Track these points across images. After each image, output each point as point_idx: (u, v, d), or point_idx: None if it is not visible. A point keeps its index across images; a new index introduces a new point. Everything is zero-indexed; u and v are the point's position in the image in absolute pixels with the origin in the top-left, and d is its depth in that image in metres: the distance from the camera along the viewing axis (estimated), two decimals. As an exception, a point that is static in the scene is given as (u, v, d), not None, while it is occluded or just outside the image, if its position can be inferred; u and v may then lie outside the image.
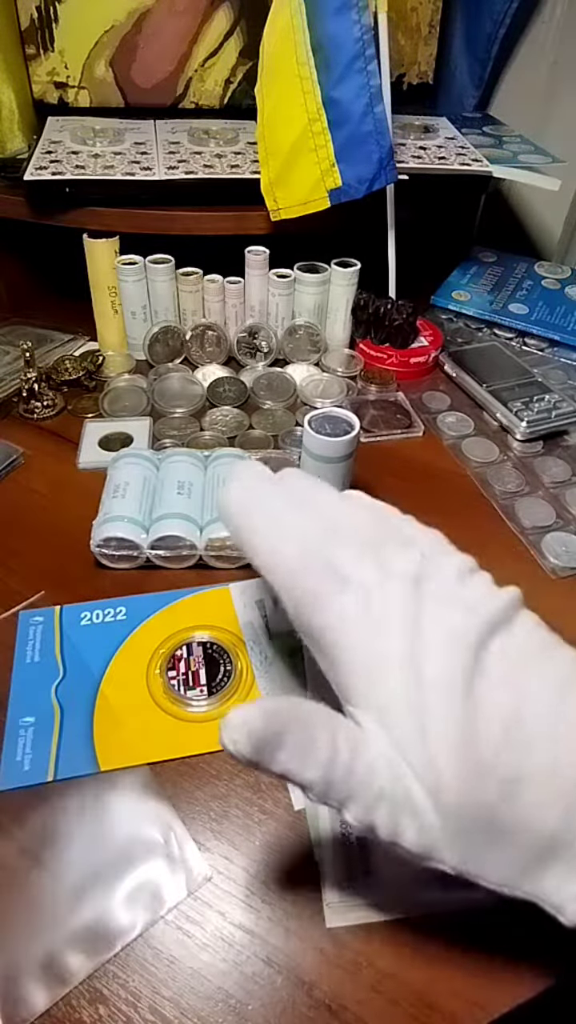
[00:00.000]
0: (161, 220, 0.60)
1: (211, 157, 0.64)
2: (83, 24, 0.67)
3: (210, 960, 0.30)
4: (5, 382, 0.60)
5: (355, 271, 0.62)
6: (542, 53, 0.75)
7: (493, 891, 0.24)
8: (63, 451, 0.55)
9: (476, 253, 0.77)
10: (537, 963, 0.30)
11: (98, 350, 0.64)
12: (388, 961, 0.30)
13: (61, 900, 0.31)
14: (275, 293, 0.62)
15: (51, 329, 0.67)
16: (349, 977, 0.29)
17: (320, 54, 0.53)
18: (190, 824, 0.34)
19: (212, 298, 0.63)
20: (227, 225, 0.60)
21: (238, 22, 0.69)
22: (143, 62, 0.70)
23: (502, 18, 0.72)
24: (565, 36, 0.73)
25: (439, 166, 0.63)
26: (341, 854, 0.32)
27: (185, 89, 0.72)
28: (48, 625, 0.42)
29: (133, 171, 0.60)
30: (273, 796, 0.35)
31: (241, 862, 0.33)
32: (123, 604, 0.43)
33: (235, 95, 0.73)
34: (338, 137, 0.55)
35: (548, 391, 0.60)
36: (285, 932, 0.31)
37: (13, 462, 0.54)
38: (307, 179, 0.57)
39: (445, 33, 0.76)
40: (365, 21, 0.52)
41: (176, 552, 0.45)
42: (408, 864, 0.25)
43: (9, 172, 0.62)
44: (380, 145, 0.55)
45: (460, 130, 0.72)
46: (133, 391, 0.60)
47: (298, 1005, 0.29)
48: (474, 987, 0.29)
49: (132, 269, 0.60)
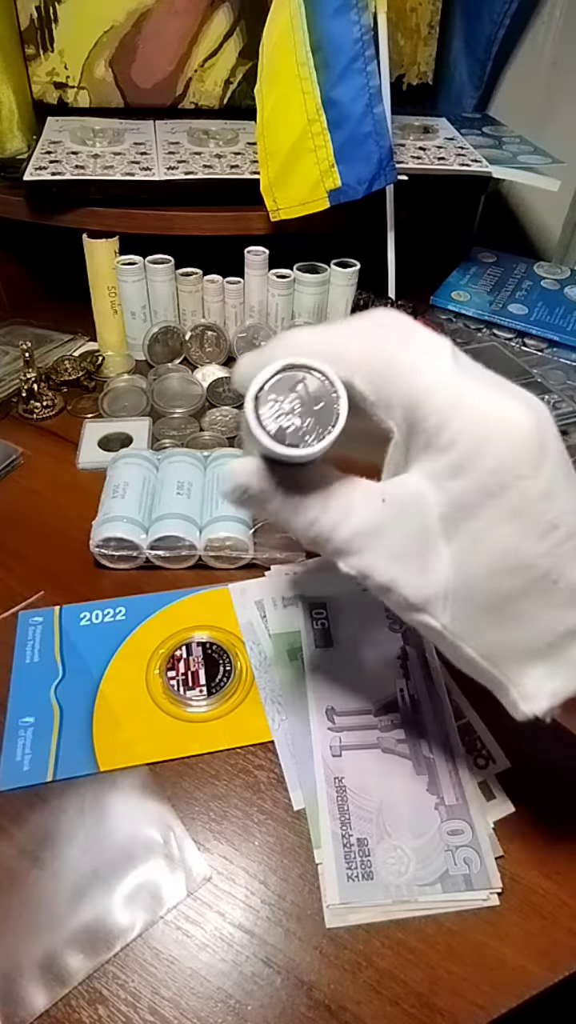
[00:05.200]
0: (161, 220, 0.60)
1: (211, 157, 0.64)
2: (83, 24, 0.67)
3: (209, 960, 0.30)
4: (5, 382, 0.60)
5: (355, 271, 0.62)
6: (542, 53, 0.75)
7: (460, 654, 0.25)
8: (63, 451, 0.55)
9: (476, 253, 0.77)
10: (537, 963, 0.30)
11: (98, 350, 0.64)
12: (388, 961, 0.30)
13: (61, 900, 0.31)
14: (275, 293, 0.62)
15: (51, 329, 0.67)
16: (349, 977, 0.29)
17: (319, 54, 0.53)
18: (189, 824, 0.34)
19: (212, 298, 0.63)
20: (227, 225, 0.60)
21: (238, 22, 0.69)
22: (143, 62, 0.70)
23: (502, 19, 0.72)
24: (565, 36, 0.73)
25: (439, 166, 0.63)
26: (341, 855, 0.32)
27: (185, 89, 0.72)
28: (47, 625, 0.42)
29: (133, 171, 0.60)
30: (273, 796, 0.35)
31: (240, 862, 0.33)
32: (123, 604, 0.43)
33: (235, 95, 0.73)
34: (337, 137, 0.55)
35: (547, 391, 0.60)
36: (285, 932, 0.31)
37: (13, 462, 0.53)
38: (306, 179, 0.57)
39: (445, 34, 0.76)
40: (364, 22, 0.52)
41: (175, 552, 0.45)
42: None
43: (9, 172, 0.62)
44: (380, 145, 0.55)
45: (460, 131, 0.72)
46: (133, 391, 0.60)
47: (297, 1006, 0.29)
48: (474, 987, 0.29)
49: (132, 269, 0.60)
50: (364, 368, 0.23)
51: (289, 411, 0.23)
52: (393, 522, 0.23)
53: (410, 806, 0.34)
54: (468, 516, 0.23)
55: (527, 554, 0.23)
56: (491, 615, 0.24)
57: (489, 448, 0.22)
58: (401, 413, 0.23)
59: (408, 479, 0.24)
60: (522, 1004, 0.29)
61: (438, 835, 0.33)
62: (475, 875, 0.32)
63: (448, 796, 0.35)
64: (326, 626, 0.42)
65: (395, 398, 0.23)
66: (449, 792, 0.35)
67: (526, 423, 0.23)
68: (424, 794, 0.35)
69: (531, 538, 0.23)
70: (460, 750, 0.36)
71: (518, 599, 0.23)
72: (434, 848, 0.33)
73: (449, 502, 0.23)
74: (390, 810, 0.34)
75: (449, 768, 0.36)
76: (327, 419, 0.23)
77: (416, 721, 0.37)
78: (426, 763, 0.36)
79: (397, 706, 0.38)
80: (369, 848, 0.33)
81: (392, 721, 0.37)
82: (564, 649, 0.24)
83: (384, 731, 0.37)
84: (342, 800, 0.34)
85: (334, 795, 0.34)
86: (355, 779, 0.35)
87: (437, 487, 0.23)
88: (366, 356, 0.24)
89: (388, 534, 0.23)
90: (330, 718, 0.37)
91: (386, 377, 0.23)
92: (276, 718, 0.38)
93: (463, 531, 0.23)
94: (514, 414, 0.23)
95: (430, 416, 0.22)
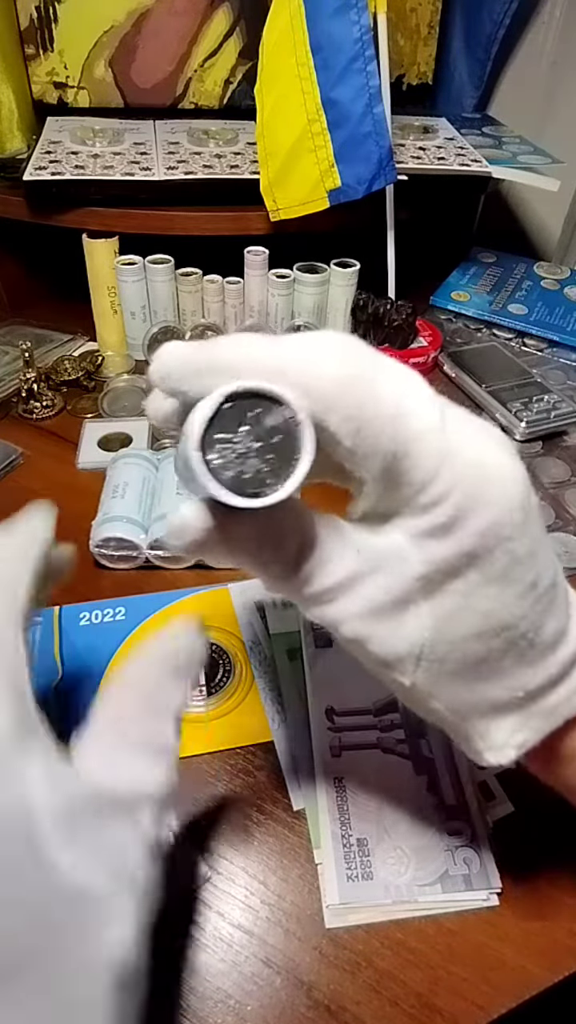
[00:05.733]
0: (160, 220, 0.60)
1: (210, 157, 0.64)
2: (82, 24, 0.67)
3: (208, 960, 0.30)
4: (4, 382, 0.60)
5: (354, 271, 0.62)
6: (542, 53, 0.75)
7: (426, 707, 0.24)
8: (62, 451, 0.55)
9: (475, 253, 0.77)
10: (537, 963, 0.30)
11: (97, 350, 0.64)
12: (388, 961, 0.30)
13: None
14: (274, 293, 0.62)
15: (50, 329, 0.67)
16: (348, 978, 0.29)
17: (319, 54, 0.53)
18: (189, 824, 0.34)
19: (211, 298, 0.63)
20: (226, 225, 0.60)
21: (237, 22, 0.69)
22: (142, 62, 0.70)
23: (501, 19, 0.72)
24: (565, 36, 0.73)
25: (438, 166, 0.63)
26: (340, 855, 0.32)
27: (184, 89, 0.72)
28: (47, 625, 0.42)
29: (132, 171, 0.60)
30: (272, 796, 0.35)
31: (240, 862, 0.33)
32: (122, 604, 0.43)
33: (234, 95, 0.73)
34: (337, 137, 0.55)
35: (547, 391, 0.60)
36: (284, 933, 0.31)
37: (12, 462, 0.53)
38: (306, 179, 0.57)
39: (444, 34, 0.76)
40: (364, 22, 0.52)
41: (175, 552, 0.45)
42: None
43: (9, 172, 0.62)
44: (379, 145, 0.55)
45: (459, 131, 0.72)
46: (132, 391, 0.60)
47: (297, 1006, 0.29)
48: (474, 987, 0.29)
49: (131, 269, 0.60)
50: (342, 405, 0.19)
51: (243, 452, 0.18)
52: (368, 575, 0.21)
53: (410, 806, 0.34)
54: (452, 578, 0.21)
55: (508, 615, 0.22)
56: (464, 673, 0.23)
57: (479, 508, 0.20)
58: (380, 463, 0.20)
59: (386, 532, 0.21)
60: (522, 1004, 0.29)
61: (438, 835, 0.33)
62: (475, 875, 0.32)
63: (448, 796, 0.35)
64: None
65: (378, 446, 0.19)
66: (449, 792, 0.35)
67: (517, 476, 0.21)
68: (424, 794, 0.35)
69: (513, 599, 0.22)
70: (460, 750, 0.36)
71: (494, 659, 0.22)
72: (434, 848, 0.33)
73: (432, 562, 0.21)
74: (390, 810, 0.34)
75: (449, 768, 0.36)
76: (289, 453, 0.19)
77: (416, 721, 0.37)
78: (426, 763, 0.36)
79: (397, 706, 0.38)
80: (369, 848, 0.33)
81: (392, 721, 0.37)
82: (534, 702, 0.23)
83: (384, 731, 0.37)
84: (342, 800, 0.34)
85: (334, 795, 0.34)
86: (355, 779, 0.35)
87: (419, 547, 0.21)
88: (344, 390, 0.19)
89: (362, 588, 0.21)
90: (330, 718, 0.37)
91: (370, 420, 0.19)
92: (276, 718, 0.38)
93: (445, 592, 0.21)
94: (504, 469, 0.21)
95: (416, 469, 0.20)
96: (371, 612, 0.21)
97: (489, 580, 0.21)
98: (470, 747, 0.25)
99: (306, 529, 0.21)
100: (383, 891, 0.31)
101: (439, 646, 0.22)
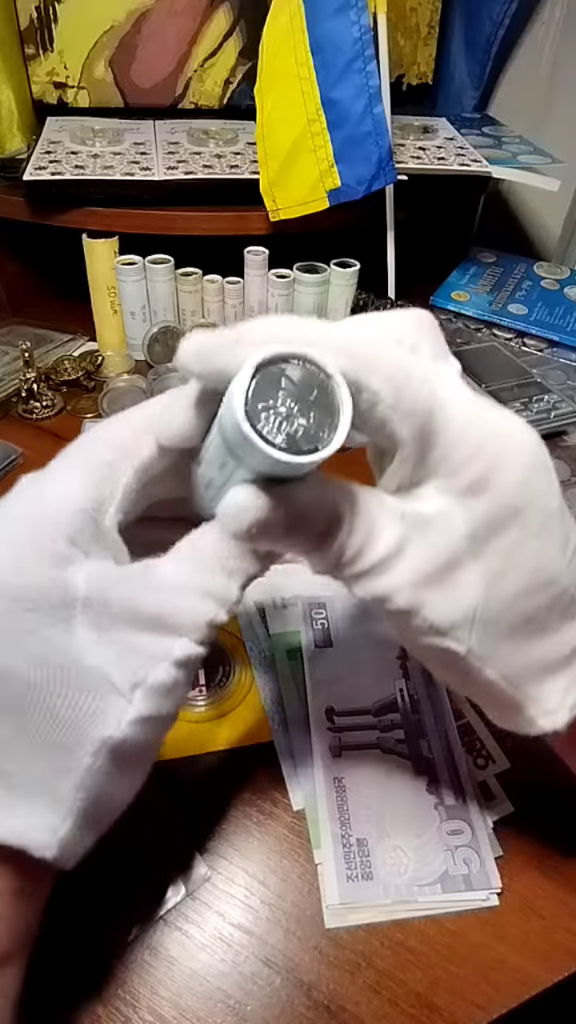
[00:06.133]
0: (160, 220, 0.60)
1: (210, 157, 0.64)
2: (82, 24, 0.67)
3: (209, 960, 0.30)
4: (4, 382, 0.60)
5: (354, 271, 0.62)
6: (541, 54, 0.75)
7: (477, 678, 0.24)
8: (62, 451, 0.55)
9: (475, 253, 0.77)
10: (536, 963, 0.30)
11: (97, 350, 0.64)
12: (387, 962, 0.30)
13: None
14: (274, 293, 0.62)
15: (50, 329, 0.67)
16: (348, 978, 0.29)
17: (319, 54, 0.53)
18: (189, 824, 0.34)
19: (211, 298, 0.63)
20: (226, 225, 0.60)
21: (237, 22, 0.69)
22: (142, 62, 0.70)
23: (501, 19, 0.72)
24: (564, 37, 0.73)
25: (438, 166, 0.63)
26: (340, 855, 0.32)
27: (184, 89, 0.72)
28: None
29: (132, 171, 0.60)
30: (272, 796, 0.35)
31: (240, 862, 0.33)
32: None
33: (234, 95, 0.73)
34: (337, 137, 0.55)
35: (547, 391, 0.60)
36: (284, 933, 0.31)
37: (12, 462, 0.53)
38: (306, 179, 0.57)
39: (444, 34, 0.76)
40: (364, 22, 0.52)
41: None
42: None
43: (9, 172, 0.62)
44: (379, 145, 0.55)
45: (459, 131, 0.72)
46: (132, 391, 0.60)
47: (297, 1006, 0.29)
48: (474, 987, 0.29)
49: (131, 269, 0.60)
50: (385, 365, 0.20)
51: (287, 414, 0.19)
52: (417, 541, 0.21)
53: (410, 806, 0.34)
54: (497, 533, 0.22)
55: (552, 569, 0.22)
56: (516, 634, 0.23)
57: (511, 461, 0.21)
58: (419, 420, 0.21)
59: (427, 495, 0.22)
60: (521, 1004, 0.29)
61: (438, 835, 0.33)
62: (475, 875, 0.32)
63: (448, 796, 0.35)
64: (325, 626, 0.42)
65: (417, 403, 0.21)
66: (449, 792, 0.35)
67: (537, 438, 0.22)
68: (424, 794, 0.35)
69: (555, 553, 0.22)
70: (460, 750, 0.36)
71: (542, 616, 0.23)
72: (434, 848, 0.33)
73: (477, 519, 0.21)
74: (390, 810, 0.34)
75: (449, 768, 0.36)
76: (329, 405, 0.19)
77: (416, 721, 0.37)
78: (426, 763, 0.36)
79: (397, 706, 0.38)
80: (369, 848, 0.33)
81: (392, 721, 0.37)
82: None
83: (384, 731, 0.37)
84: (342, 800, 0.34)
85: (334, 795, 0.34)
86: (355, 779, 0.35)
87: (461, 505, 0.21)
88: (382, 354, 0.21)
89: (413, 554, 0.21)
90: (330, 718, 0.37)
91: (409, 379, 0.21)
92: (276, 718, 0.38)
93: (492, 551, 0.22)
94: (523, 429, 0.22)
95: (451, 423, 0.21)
96: (424, 578, 0.22)
97: (529, 535, 0.22)
98: (523, 717, 0.24)
99: (353, 498, 0.21)
100: (383, 891, 0.31)
101: (491, 606, 0.22)
